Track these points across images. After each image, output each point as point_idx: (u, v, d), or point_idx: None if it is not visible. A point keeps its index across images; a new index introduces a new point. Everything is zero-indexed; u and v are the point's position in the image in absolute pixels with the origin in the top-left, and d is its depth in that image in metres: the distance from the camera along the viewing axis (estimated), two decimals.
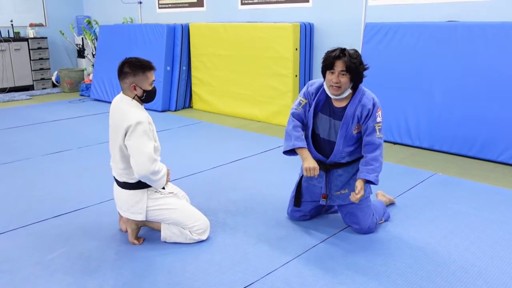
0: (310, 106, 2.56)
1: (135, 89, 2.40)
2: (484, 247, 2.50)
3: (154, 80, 2.47)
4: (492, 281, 2.18)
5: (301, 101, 2.59)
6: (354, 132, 2.49)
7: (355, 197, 2.41)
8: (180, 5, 7.12)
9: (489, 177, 3.60)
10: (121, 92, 2.49)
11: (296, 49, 5.20)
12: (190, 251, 2.47)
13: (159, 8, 7.46)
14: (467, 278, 2.20)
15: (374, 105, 2.45)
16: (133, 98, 2.43)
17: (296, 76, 5.27)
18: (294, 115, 2.60)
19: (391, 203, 3.04)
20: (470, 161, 4.00)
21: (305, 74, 5.42)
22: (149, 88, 2.44)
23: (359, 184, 2.44)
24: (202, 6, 6.77)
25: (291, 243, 2.56)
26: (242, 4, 6.20)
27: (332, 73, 2.40)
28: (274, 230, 2.72)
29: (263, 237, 2.63)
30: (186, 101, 6.49)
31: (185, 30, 6.24)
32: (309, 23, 5.40)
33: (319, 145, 2.61)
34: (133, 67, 2.37)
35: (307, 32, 5.35)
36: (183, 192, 2.85)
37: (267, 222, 2.82)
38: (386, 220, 2.80)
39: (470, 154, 4.07)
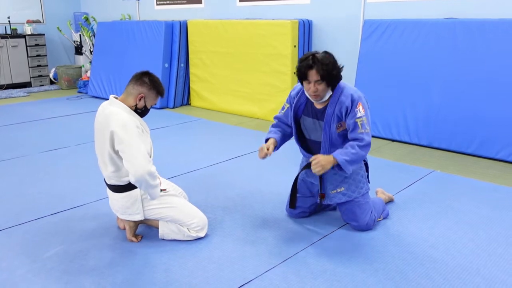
0: (291, 110, 2.65)
1: (140, 100, 2.44)
2: (483, 244, 2.50)
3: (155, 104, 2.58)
4: (490, 278, 2.18)
5: (284, 106, 2.72)
6: (338, 130, 2.50)
7: (313, 166, 2.38)
8: (178, 1, 7.10)
9: (487, 175, 3.60)
10: (111, 97, 2.47)
11: (295, 46, 5.19)
12: (188, 249, 2.46)
13: (157, 4, 7.43)
14: (465, 275, 2.20)
15: (352, 101, 2.44)
16: (131, 106, 2.43)
17: (294, 73, 5.24)
18: (275, 118, 2.79)
19: (390, 201, 3.04)
20: (469, 158, 4.00)
21: None
22: (149, 107, 2.52)
23: (324, 156, 2.41)
24: (200, 3, 6.75)
25: (289, 240, 2.56)
26: (241, 1, 6.17)
27: (308, 82, 2.42)
28: (273, 227, 2.71)
29: (262, 235, 2.62)
30: (184, 99, 6.48)
31: (183, 27, 6.22)
32: (308, 20, 5.39)
33: (308, 146, 2.68)
34: (153, 83, 2.45)
35: (305, 29, 5.33)
36: (180, 189, 2.85)
37: (265, 220, 2.81)
38: (385, 218, 2.79)
39: (469, 151, 4.07)
